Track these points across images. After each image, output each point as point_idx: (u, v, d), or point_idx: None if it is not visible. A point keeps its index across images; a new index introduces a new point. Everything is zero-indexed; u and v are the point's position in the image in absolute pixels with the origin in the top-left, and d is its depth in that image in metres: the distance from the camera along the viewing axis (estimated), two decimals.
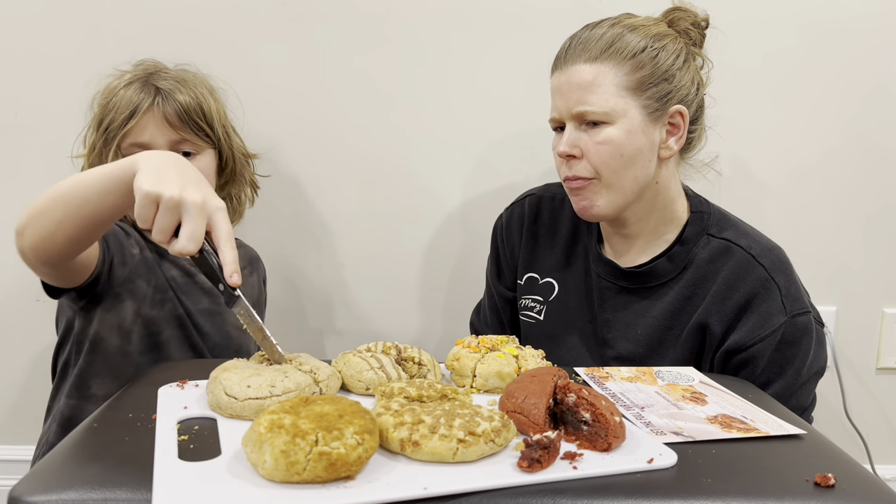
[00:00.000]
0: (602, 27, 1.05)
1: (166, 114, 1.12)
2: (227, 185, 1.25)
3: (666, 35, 1.06)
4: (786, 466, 0.68)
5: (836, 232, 1.51)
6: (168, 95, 1.13)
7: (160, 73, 1.17)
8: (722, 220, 1.12)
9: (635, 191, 1.06)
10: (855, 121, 1.48)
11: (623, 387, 0.88)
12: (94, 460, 0.62)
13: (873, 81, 1.46)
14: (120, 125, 1.11)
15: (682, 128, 1.07)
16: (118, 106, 1.12)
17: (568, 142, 1.04)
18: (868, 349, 1.57)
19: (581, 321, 1.16)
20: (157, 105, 1.12)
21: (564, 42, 1.08)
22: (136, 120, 1.11)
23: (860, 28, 1.43)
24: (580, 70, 1.03)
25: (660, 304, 1.10)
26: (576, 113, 1.03)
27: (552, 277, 1.20)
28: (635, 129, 1.03)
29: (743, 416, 0.80)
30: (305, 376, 0.76)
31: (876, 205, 1.51)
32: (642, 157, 1.04)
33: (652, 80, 1.03)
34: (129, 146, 1.12)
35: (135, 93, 1.13)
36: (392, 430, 0.64)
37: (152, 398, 0.77)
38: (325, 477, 0.58)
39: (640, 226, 1.11)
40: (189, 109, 1.14)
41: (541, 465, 0.62)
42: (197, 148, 1.16)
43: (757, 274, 1.05)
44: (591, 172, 1.05)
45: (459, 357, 0.86)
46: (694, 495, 0.61)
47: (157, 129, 1.12)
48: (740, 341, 1.04)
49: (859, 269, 1.53)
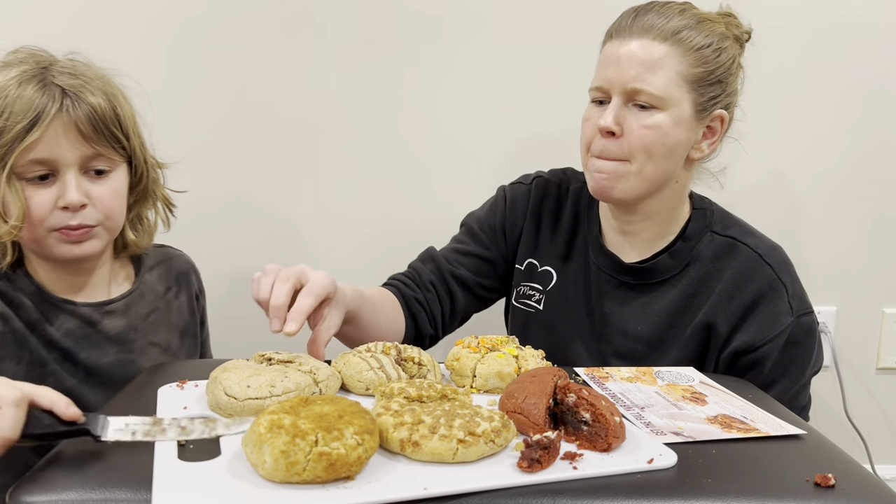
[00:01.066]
0: (672, 10, 1.02)
1: (77, 121, 0.89)
2: (136, 205, 1.03)
3: (727, 37, 1.03)
4: (786, 467, 0.68)
5: (836, 232, 1.51)
6: (77, 98, 0.90)
7: (56, 66, 0.93)
8: (725, 218, 1.12)
9: (659, 184, 1.04)
10: (856, 122, 1.48)
11: (623, 387, 0.88)
12: (94, 461, 0.62)
13: (874, 83, 1.46)
14: (16, 138, 0.87)
15: (718, 133, 1.05)
16: (11, 112, 0.87)
17: (613, 117, 1.00)
18: (868, 349, 1.57)
19: (578, 314, 1.14)
20: (66, 110, 0.89)
21: (627, 12, 1.04)
22: (39, 130, 0.87)
23: (860, 27, 1.44)
24: (646, 46, 0.99)
25: (661, 301, 1.09)
26: (630, 89, 0.99)
27: (551, 266, 1.17)
28: (682, 122, 1.01)
29: (743, 417, 0.80)
30: (305, 376, 0.76)
31: (876, 205, 1.51)
32: (678, 151, 1.03)
33: (709, 79, 1.01)
34: (28, 164, 0.89)
35: (34, 94, 0.88)
36: (392, 431, 0.64)
37: (152, 398, 0.77)
38: (324, 477, 0.58)
39: (646, 223, 1.09)
40: (104, 115, 0.92)
41: (541, 465, 0.62)
42: (111, 164, 0.95)
43: (764, 273, 1.04)
44: (625, 154, 1.01)
45: (459, 357, 0.86)
46: (694, 495, 0.61)
47: (65, 142, 0.89)
48: (749, 342, 1.03)
49: (859, 270, 1.53)
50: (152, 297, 1.08)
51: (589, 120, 1.05)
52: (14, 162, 0.88)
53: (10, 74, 0.90)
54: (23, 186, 0.90)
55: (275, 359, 0.81)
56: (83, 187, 0.92)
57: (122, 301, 1.04)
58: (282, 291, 0.85)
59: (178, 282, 1.12)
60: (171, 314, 1.10)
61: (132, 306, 1.05)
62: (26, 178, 0.90)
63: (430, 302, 1.16)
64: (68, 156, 0.90)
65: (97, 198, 0.94)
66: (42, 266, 0.98)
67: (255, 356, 0.83)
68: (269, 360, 0.81)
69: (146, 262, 1.10)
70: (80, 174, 0.92)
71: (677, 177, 1.06)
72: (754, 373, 1.03)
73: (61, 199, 0.91)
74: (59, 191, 0.91)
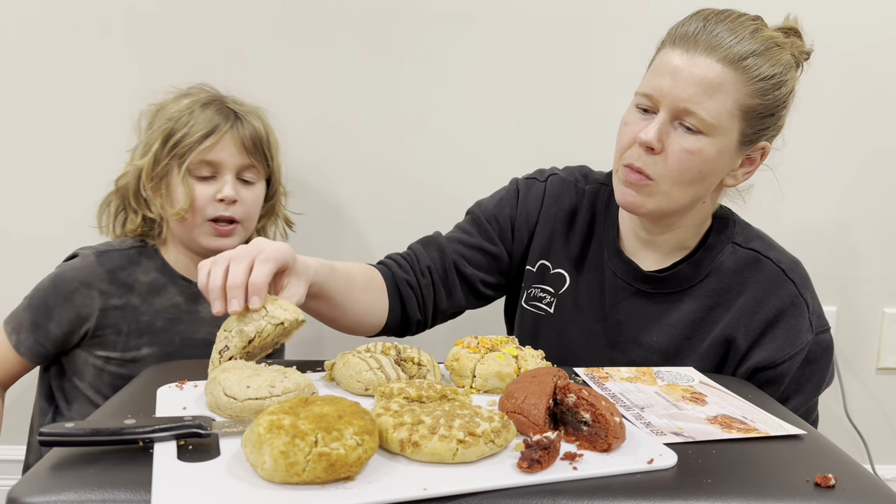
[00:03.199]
0: (744, 28, 0.94)
1: (243, 137, 1.16)
2: (263, 218, 1.27)
3: (791, 67, 0.97)
4: (786, 467, 0.68)
5: (836, 232, 1.51)
6: (245, 120, 1.17)
7: (227, 97, 1.20)
8: (747, 230, 1.09)
9: (685, 205, 1.01)
10: (857, 122, 1.47)
11: (623, 387, 0.88)
12: (93, 461, 0.62)
13: (874, 84, 1.46)
14: (196, 142, 1.13)
15: (756, 163, 1.02)
16: (194, 124, 1.13)
17: (657, 133, 0.94)
18: (868, 349, 1.57)
19: (590, 320, 1.10)
20: (236, 128, 1.15)
21: (695, 17, 0.96)
22: (214, 138, 1.13)
23: (860, 27, 1.43)
24: (710, 66, 0.92)
25: (678, 311, 1.06)
26: (682, 108, 0.93)
27: (564, 269, 1.12)
28: (724, 152, 0.96)
29: (743, 417, 0.80)
30: (305, 377, 0.76)
31: (877, 205, 1.51)
32: (713, 178, 0.99)
33: (762, 112, 0.96)
34: (199, 163, 1.14)
35: (214, 113, 1.15)
36: (392, 431, 0.64)
37: (151, 398, 0.77)
38: (324, 478, 0.58)
39: (668, 234, 1.06)
40: (261, 137, 1.18)
41: (541, 465, 0.62)
42: (257, 176, 1.20)
43: (787, 290, 1.02)
44: (657, 174, 0.96)
45: (459, 357, 0.86)
46: (694, 496, 0.61)
47: (231, 151, 1.15)
48: (769, 359, 1.01)
49: (859, 270, 1.53)
50: None
51: (629, 125, 0.99)
52: (190, 160, 1.13)
53: (193, 99, 1.17)
54: (192, 182, 1.14)
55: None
56: (236, 188, 1.16)
57: None
58: (238, 271, 0.80)
59: None
60: None
61: None
62: (195, 176, 1.15)
63: (423, 288, 1.09)
64: (230, 162, 1.16)
65: (244, 199, 1.18)
66: (177, 249, 1.21)
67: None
68: (269, 361, 0.81)
69: None
70: (235, 179, 1.17)
71: (706, 198, 1.03)
72: (771, 389, 1.01)
73: (220, 193, 1.15)
74: (218, 187, 1.15)
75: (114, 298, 1.16)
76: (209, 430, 0.65)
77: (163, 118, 1.16)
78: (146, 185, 1.16)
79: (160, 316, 1.19)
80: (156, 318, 1.18)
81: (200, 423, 0.65)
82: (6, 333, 1.18)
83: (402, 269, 1.10)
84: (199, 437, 0.65)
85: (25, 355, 1.17)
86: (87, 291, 1.15)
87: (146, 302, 1.18)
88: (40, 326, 1.15)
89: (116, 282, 1.17)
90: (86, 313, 1.15)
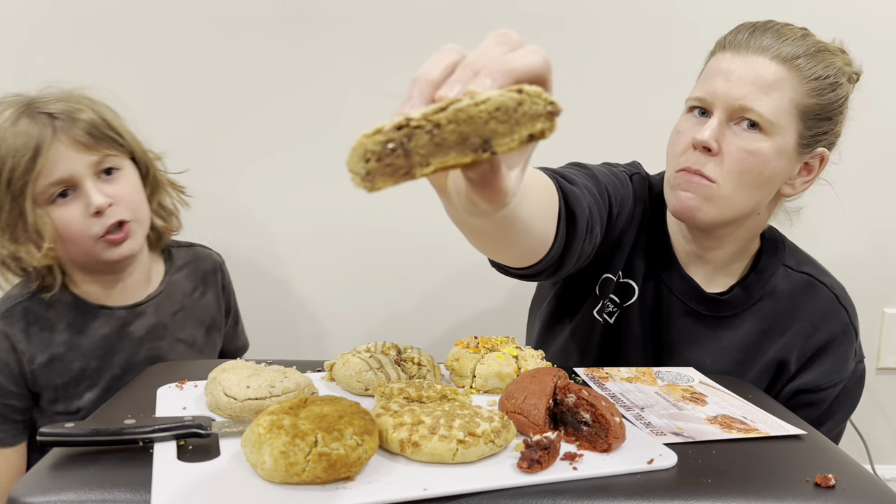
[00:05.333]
0: (792, 33, 0.94)
1: (75, 137, 0.98)
2: (153, 195, 1.12)
3: (844, 73, 0.96)
4: (786, 467, 0.68)
5: (836, 232, 1.51)
6: (68, 117, 0.99)
7: (38, 101, 1.01)
8: (797, 253, 1.08)
9: (744, 213, 0.97)
10: (857, 122, 1.47)
11: (623, 387, 0.88)
12: (93, 461, 0.62)
13: (874, 84, 1.46)
14: (26, 169, 0.95)
15: (815, 171, 0.99)
16: (14, 149, 0.95)
17: (713, 133, 0.92)
18: (868, 349, 1.56)
19: (644, 336, 1.06)
20: (61, 131, 0.98)
21: (743, 27, 0.96)
22: (44, 156, 0.96)
23: (860, 28, 1.43)
24: (764, 64, 0.91)
25: (732, 335, 1.04)
26: (738, 106, 0.91)
27: (632, 279, 1.06)
28: (783, 154, 0.94)
29: (743, 417, 0.80)
30: (305, 377, 0.76)
31: (877, 205, 1.51)
32: (773, 183, 0.96)
33: (820, 113, 0.94)
34: (46, 187, 0.97)
35: (28, 126, 0.96)
36: (392, 431, 0.64)
37: (151, 399, 0.77)
38: (324, 478, 0.58)
39: (719, 251, 1.03)
40: (96, 124, 1.01)
41: (541, 465, 0.62)
42: (118, 162, 1.04)
43: (840, 317, 1.02)
44: (717, 175, 0.93)
45: (459, 357, 0.86)
46: (694, 496, 0.61)
47: (71, 158, 0.98)
48: (816, 382, 1.01)
49: (859, 270, 1.53)
50: (180, 295, 1.16)
51: (682, 133, 0.97)
52: (33, 190, 0.97)
53: (1, 118, 0.98)
54: (47, 210, 0.99)
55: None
56: (102, 190, 1.01)
57: (153, 301, 1.13)
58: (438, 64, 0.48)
59: (205, 280, 1.21)
60: (197, 311, 1.18)
61: (161, 305, 1.14)
62: (51, 202, 0.99)
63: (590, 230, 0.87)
64: (79, 168, 0.99)
65: (119, 195, 1.03)
66: (82, 278, 1.08)
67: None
68: (268, 361, 0.81)
69: (176, 262, 1.19)
70: (96, 180, 1.01)
71: (762, 209, 1.00)
72: (807, 412, 1.02)
73: (90, 207, 0.99)
74: (83, 201, 1.00)
75: (38, 356, 1.04)
76: (209, 430, 0.65)
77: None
78: (2, 241, 1.00)
79: (92, 356, 1.06)
80: (89, 360, 1.06)
81: (200, 423, 0.65)
82: None
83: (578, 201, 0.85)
84: (198, 437, 0.65)
85: (12, 443, 1.05)
86: (15, 356, 1.03)
87: (71, 348, 1.06)
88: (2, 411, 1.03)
89: (33, 337, 1.04)
90: (24, 377, 1.04)
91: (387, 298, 1.49)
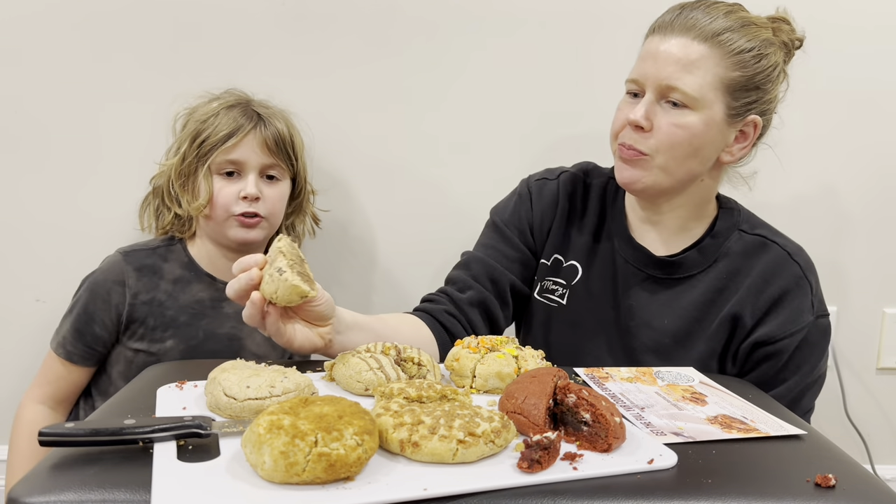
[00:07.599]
0: (718, 10, 1.01)
1: (265, 138, 1.21)
2: (292, 215, 1.33)
3: (771, 43, 1.03)
4: (786, 467, 0.68)
5: (836, 232, 1.51)
6: (268, 122, 1.22)
7: (254, 102, 1.26)
8: (752, 218, 1.14)
9: (684, 181, 1.05)
10: (856, 122, 1.47)
11: (623, 387, 0.88)
12: (93, 461, 0.62)
13: (874, 84, 1.46)
14: (220, 141, 1.19)
15: (750, 137, 1.06)
16: (219, 125, 1.19)
17: (644, 112, 1.01)
18: (868, 349, 1.57)
19: (604, 307, 1.14)
20: (258, 129, 1.21)
21: (673, 8, 1.04)
22: (236, 139, 1.19)
23: (860, 29, 1.43)
24: (685, 45, 0.99)
25: (688, 295, 1.09)
26: (664, 86, 1.00)
27: (577, 260, 1.16)
28: (712, 125, 1.01)
29: (743, 417, 0.80)
30: (305, 377, 0.76)
31: (877, 205, 1.51)
32: (706, 152, 1.03)
33: (746, 85, 1.01)
34: (223, 162, 1.20)
35: (238, 115, 1.21)
36: (392, 431, 0.64)
37: (151, 399, 0.77)
38: (324, 478, 0.58)
39: (671, 215, 1.10)
40: (283, 137, 1.23)
41: (541, 465, 0.62)
42: (282, 174, 1.25)
43: (792, 271, 1.06)
44: (651, 149, 1.02)
45: (459, 357, 0.86)
46: (694, 496, 0.61)
47: (253, 151, 1.20)
48: (770, 334, 1.04)
49: (859, 270, 1.53)
50: None
51: (621, 111, 1.07)
52: (214, 159, 1.19)
53: (224, 102, 1.23)
54: (214, 179, 1.21)
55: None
56: (259, 185, 1.22)
57: None
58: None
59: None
60: None
61: None
62: (219, 173, 1.21)
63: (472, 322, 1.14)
64: (253, 161, 1.21)
65: (268, 196, 1.23)
66: (203, 245, 1.27)
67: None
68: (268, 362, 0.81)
69: None
70: (258, 177, 1.22)
71: (704, 176, 1.07)
72: (768, 365, 1.05)
73: (243, 191, 1.20)
74: (241, 185, 1.20)
75: (141, 294, 1.21)
76: (209, 430, 0.65)
77: (193, 120, 1.23)
78: (175, 183, 1.23)
79: (184, 311, 1.23)
80: (180, 313, 1.22)
81: (200, 423, 0.65)
82: (54, 352, 1.23)
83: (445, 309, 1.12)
84: (198, 437, 0.65)
85: (80, 363, 1.23)
86: (121, 289, 1.21)
87: (171, 297, 1.23)
88: (85, 333, 1.21)
89: (143, 278, 1.22)
90: (121, 309, 1.21)
91: (387, 298, 1.49)
